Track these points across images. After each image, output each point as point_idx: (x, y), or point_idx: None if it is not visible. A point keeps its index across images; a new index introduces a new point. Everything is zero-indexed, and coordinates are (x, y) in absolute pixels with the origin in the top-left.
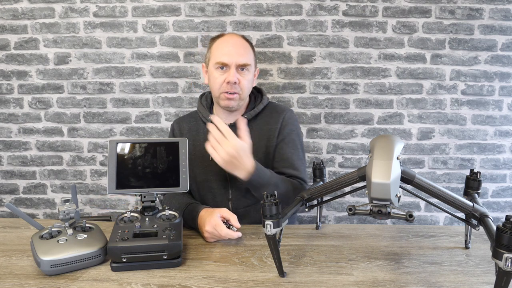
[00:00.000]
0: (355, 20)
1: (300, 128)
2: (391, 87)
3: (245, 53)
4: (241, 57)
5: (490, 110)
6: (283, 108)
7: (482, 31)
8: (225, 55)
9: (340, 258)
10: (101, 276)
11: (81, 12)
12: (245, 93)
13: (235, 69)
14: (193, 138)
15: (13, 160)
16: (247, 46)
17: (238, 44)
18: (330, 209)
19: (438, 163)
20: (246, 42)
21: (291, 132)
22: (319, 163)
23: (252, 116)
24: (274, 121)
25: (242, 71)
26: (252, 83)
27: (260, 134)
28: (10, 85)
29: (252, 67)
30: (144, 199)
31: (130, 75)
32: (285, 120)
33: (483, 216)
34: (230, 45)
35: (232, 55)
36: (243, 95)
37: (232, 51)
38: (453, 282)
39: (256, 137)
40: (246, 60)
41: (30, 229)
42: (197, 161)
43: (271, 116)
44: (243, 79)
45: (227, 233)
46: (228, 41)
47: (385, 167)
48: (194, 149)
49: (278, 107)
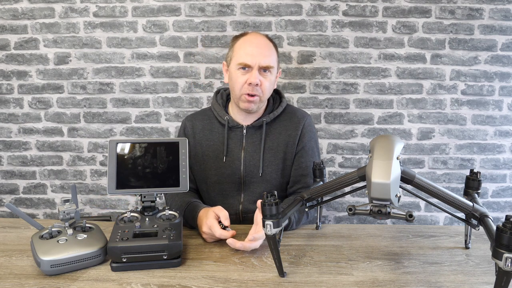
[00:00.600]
0: (355, 20)
1: (317, 133)
2: (391, 87)
3: (269, 55)
4: (265, 58)
5: (490, 110)
6: (302, 114)
7: (482, 31)
8: (248, 55)
9: (340, 258)
10: (101, 276)
11: (81, 12)
12: (266, 96)
13: (257, 71)
14: (207, 137)
15: (13, 160)
16: (271, 47)
17: (262, 45)
18: (330, 209)
19: (438, 163)
20: (270, 43)
21: (310, 140)
22: (319, 163)
23: (271, 119)
24: (293, 127)
25: (265, 73)
26: (274, 85)
27: (279, 139)
28: (10, 85)
29: (275, 69)
30: (144, 199)
31: (130, 75)
32: (305, 127)
33: (483, 216)
34: (254, 46)
35: (255, 56)
36: (264, 98)
37: (255, 51)
38: (453, 282)
39: (275, 142)
40: (269, 62)
41: (30, 229)
42: (210, 161)
43: (291, 121)
44: (265, 81)
45: (221, 234)
46: (252, 41)
47: (385, 167)
48: (207, 149)
49: (297, 111)
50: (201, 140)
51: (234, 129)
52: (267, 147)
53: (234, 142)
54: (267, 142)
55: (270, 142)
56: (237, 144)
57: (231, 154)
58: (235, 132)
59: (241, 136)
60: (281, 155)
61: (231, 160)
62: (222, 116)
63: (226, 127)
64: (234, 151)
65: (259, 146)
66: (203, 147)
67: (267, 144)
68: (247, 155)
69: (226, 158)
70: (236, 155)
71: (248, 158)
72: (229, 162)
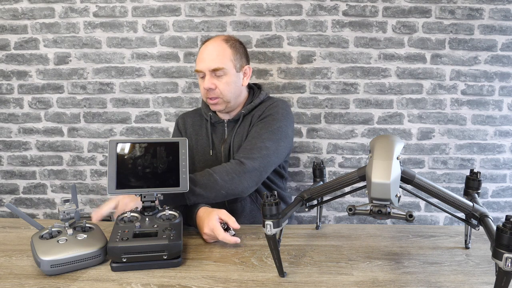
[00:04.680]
0: (355, 20)
1: (286, 118)
2: (391, 87)
3: (217, 57)
4: (212, 62)
5: (490, 110)
6: (277, 99)
7: (482, 31)
8: (200, 62)
9: (340, 258)
10: (101, 276)
11: (81, 12)
12: (228, 96)
13: (209, 75)
14: (196, 132)
15: (13, 160)
16: (221, 49)
17: (211, 50)
18: (330, 209)
19: (438, 163)
20: (222, 45)
21: (268, 116)
22: (319, 163)
23: (249, 110)
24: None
25: (217, 76)
26: (238, 84)
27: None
28: (10, 85)
29: (228, 70)
30: (144, 199)
31: (130, 75)
32: (271, 106)
33: (483, 216)
34: (204, 52)
35: (204, 61)
36: (226, 98)
37: (204, 57)
38: (453, 282)
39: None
40: (217, 64)
41: (30, 229)
42: (198, 155)
43: (265, 107)
44: (219, 83)
45: (224, 237)
46: (203, 48)
47: (385, 167)
48: (196, 143)
49: (273, 99)
50: (191, 135)
51: (216, 124)
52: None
53: (217, 136)
54: (242, 133)
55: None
56: (220, 138)
57: (214, 147)
58: (218, 127)
59: (222, 131)
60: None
61: (216, 153)
62: (206, 113)
63: (209, 122)
64: (216, 144)
65: (237, 137)
66: (193, 142)
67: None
68: (226, 147)
69: (212, 151)
70: (218, 148)
71: (229, 150)
72: (215, 155)
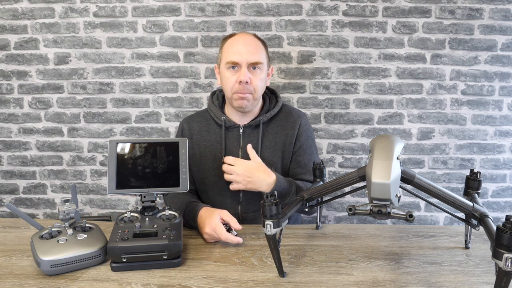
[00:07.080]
0: (355, 20)
1: (313, 132)
2: (391, 87)
3: (256, 51)
4: (252, 55)
5: (490, 110)
6: (298, 113)
7: (482, 31)
8: (236, 53)
9: (340, 258)
10: (101, 276)
11: (81, 12)
12: (259, 93)
13: (246, 68)
14: (204, 138)
15: (13, 160)
16: (258, 44)
17: (248, 42)
18: (330, 209)
19: (438, 163)
20: (257, 40)
21: (307, 139)
22: (319, 163)
23: (268, 119)
24: (290, 126)
25: (254, 70)
26: (266, 83)
27: (276, 138)
28: (10, 85)
29: (264, 66)
30: (144, 199)
31: (130, 75)
32: (301, 126)
33: (483, 216)
34: (241, 44)
35: (242, 53)
36: (256, 95)
37: (242, 49)
38: (453, 282)
39: (272, 141)
40: (257, 58)
41: (30, 229)
42: (208, 162)
43: (287, 120)
44: (255, 78)
45: (226, 237)
46: (239, 40)
47: (385, 167)
48: (205, 150)
49: (293, 111)
50: (198, 141)
51: (231, 129)
52: (265, 146)
53: (232, 142)
54: (264, 141)
55: (267, 141)
56: (235, 143)
57: (229, 154)
58: (232, 132)
59: (238, 136)
60: (279, 154)
61: None
62: (218, 116)
63: (223, 127)
64: (231, 151)
65: (257, 145)
66: (201, 148)
67: (264, 143)
68: (244, 155)
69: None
70: (233, 155)
71: (246, 157)
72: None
